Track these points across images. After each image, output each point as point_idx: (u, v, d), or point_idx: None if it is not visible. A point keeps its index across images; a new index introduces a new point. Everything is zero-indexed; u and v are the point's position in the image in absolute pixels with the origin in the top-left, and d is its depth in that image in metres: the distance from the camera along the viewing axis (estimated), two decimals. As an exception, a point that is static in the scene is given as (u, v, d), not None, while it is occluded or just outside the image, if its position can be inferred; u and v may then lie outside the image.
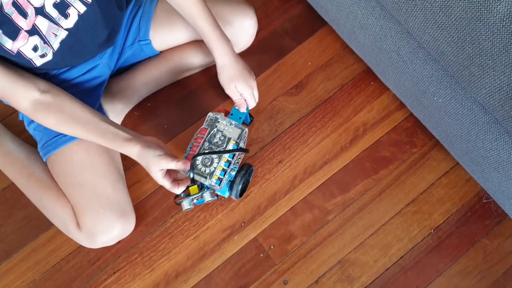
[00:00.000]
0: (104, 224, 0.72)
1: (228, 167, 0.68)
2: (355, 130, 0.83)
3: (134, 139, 0.65)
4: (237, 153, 0.69)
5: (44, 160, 0.77)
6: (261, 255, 0.78)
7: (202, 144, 0.69)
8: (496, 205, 0.77)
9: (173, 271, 0.78)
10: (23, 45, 0.60)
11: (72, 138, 0.71)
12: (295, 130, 0.84)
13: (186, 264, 0.78)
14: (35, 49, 0.61)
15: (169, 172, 0.66)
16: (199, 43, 0.84)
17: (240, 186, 0.73)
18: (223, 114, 0.73)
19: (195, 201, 0.67)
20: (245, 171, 0.74)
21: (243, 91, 0.75)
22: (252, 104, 0.77)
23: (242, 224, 0.80)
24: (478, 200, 0.78)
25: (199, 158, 0.67)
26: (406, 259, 0.76)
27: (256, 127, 0.84)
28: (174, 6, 0.72)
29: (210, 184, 0.67)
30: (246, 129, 0.70)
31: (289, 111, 0.85)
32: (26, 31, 0.59)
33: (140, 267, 0.78)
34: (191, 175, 0.65)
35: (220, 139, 0.70)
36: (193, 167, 0.66)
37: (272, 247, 0.78)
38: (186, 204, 0.66)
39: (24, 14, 0.58)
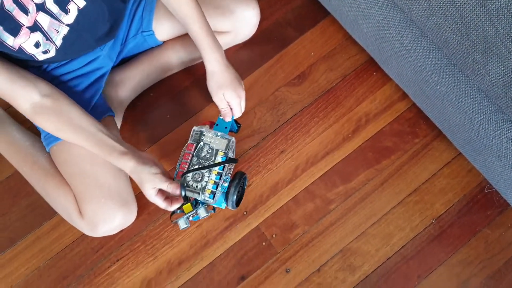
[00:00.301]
0: (105, 213, 0.72)
1: (220, 179, 0.68)
2: (358, 121, 0.83)
3: (130, 154, 0.65)
4: (227, 164, 0.69)
5: (47, 150, 0.77)
6: (263, 243, 0.78)
7: (191, 160, 0.69)
8: (498, 195, 0.77)
9: (176, 259, 0.78)
10: (25, 42, 0.60)
11: None
12: (298, 121, 0.84)
13: (189, 252, 0.79)
14: (37, 45, 0.62)
15: (162, 190, 0.66)
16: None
17: (235, 197, 0.72)
18: (207, 126, 0.72)
19: (191, 218, 0.68)
20: (238, 180, 0.72)
21: (231, 99, 0.74)
22: (237, 114, 0.76)
23: (245, 213, 0.80)
24: (480, 190, 0.79)
25: (189, 174, 0.67)
26: (407, 249, 0.76)
27: (259, 117, 0.85)
28: (168, 8, 0.72)
29: (204, 199, 0.67)
30: (233, 139, 0.70)
31: (291, 101, 0.85)
32: (27, 27, 0.59)
33: (143, 255, 0.79)
34: (183, 193, 0.65)
35: (208, 152, 0.69)
36: (183, 185, 0.65)
37: (274, 235, 0.79)
38: (182, 224, 0.67)
39: (25, 11, 0.57)
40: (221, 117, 0.75)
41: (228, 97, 0.74)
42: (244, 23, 0.82)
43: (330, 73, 0.86)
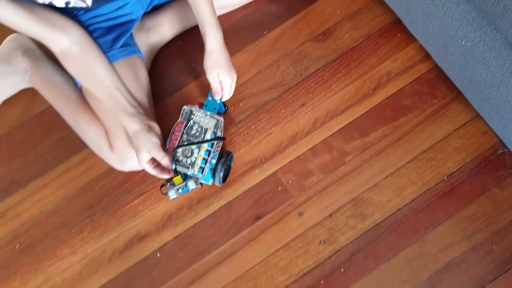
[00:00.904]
0: (133, 149, 0.76)
1: (208, 156, 0.73)
2: (379, 79, 0.86)
3: (137, 118, 0.71)
4: (215, 142, 0.74)
5: (79, 86, 0.82)
6: (279, 188, 0.82)
7: (181, 137, 0.74)
8: (510, 157, 0.80)
9: (196, 197, 0.83)
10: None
11: None
12: (320, 75, 0.87)
13: (208, 192, 0.83)
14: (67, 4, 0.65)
15: (153, 159, 0.72)
16: None
17: (222, 174, 0.77)
18: (197, 106, 0.77)
19: (180, 190, 0.72)
20: (225, 158, 0.78)
21: (224, 79, 0.77)
22: (226, 96, 0.80)
23: (263, 159, 0.84)
24: (493, 152, 0.81)
25: (179, 150, 0.72)
26: (418, 202, 0.80)
27: (282, 70, 0.87)
28: None
29: (193, 173, 0.72)
30: (222, 119, 0.75)
31: (315, 56, 0.88)
32: None
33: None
34: (173, 167, 0.70)
35: (197, 131, 0.74)
36: (174, 159, 0.71)
37: (290, 181, 0.82)
38: (172, 194, 0.72)
39: None
40: (210, 99, 0.78)
41: (222, 76, 0.77)
42: None
43: (355, 32, 0.88)
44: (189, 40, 0.91)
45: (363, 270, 0.78)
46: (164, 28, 0.88)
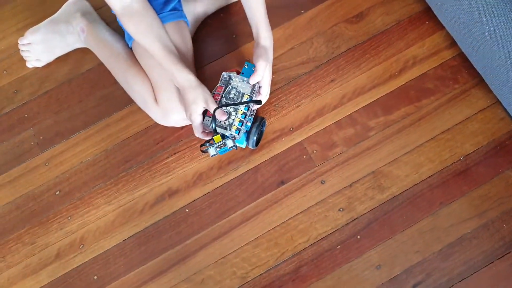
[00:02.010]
0: (178, 103, 0.82)
1: (245, 118, 0.79)
2: (405, 62, 0.91)
3: (192, 73, 0.76)
4: (251, 106, 0.80)
5: (129, 45, 0.88)
6: (304, 156, 0.88)
7: (220, 100, 0.80)
8: (525, 143, 0.84)
9: (226, 159, 0.89)
10: None
11: None
12: (350, 55, 0.92)
13: (238, 155, 0.89)
14: None
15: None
16: None
17: (255, 137, 0.83)
18: (235, 72, 0.83)
19: (218, 149, 0.79)
20: (259, 122, 0.84)
21: (268, 76, 0.81)
22: (265, 93, 0.82)
23: (291, 129, 0.89)
24: (509, 137, 0.85)
25: (219, 111, 0.78)
26: (434, 178, 0.84)
27: (315, 47, 0.93)
28: None
29: (230, 133, 0.78)
30: (258, 84, 0.80)
31: (347, 37, 0.93)
32: None
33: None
34: (213, 126, 0.77)
35: (235, 95, 0.80)
36: (215, 119, 0.77)
37: (314, 151, 0.88)
38: (212, 151, 0.79)
39: None
40: (246, 67, 0.83)
41: (268, 73, 0.81)
42: None
43: (386, 17, 0.94)
44: (231, 14, 0.97)
45: (378, 238, 0.83)
46: (210, 1, 0.94)
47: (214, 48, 0.96)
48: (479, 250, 0.81)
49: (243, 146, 0.86)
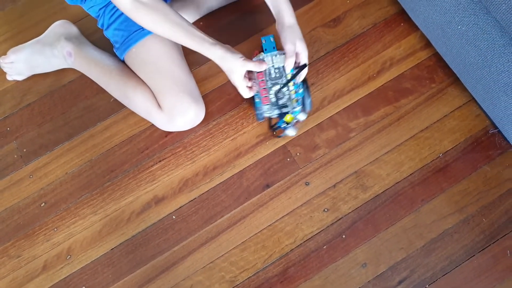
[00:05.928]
0: (183, 105, 0.83)
1: (298, 88, 0.81)
2: (383, 63, 0.93)
3: (219, 44, 0.76)
4: (296, 72, 0.80)
5: (121, 58, 0.89)
6: (288, 159, 0.89)
7: (266, 83, 0.81)
8: (500, 138, 0.87)
9: (211, 164, 0.90)
10: None
11: (150, 32, 0.81)
12: (329, 58, 0.94)
13: (223, 160, 0.90)
14: None
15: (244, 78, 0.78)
16: None
17: (310, 98, 0.85)
18: (262, 53, 0.83)
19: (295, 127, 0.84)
20: (305, 83, 0.85)
21: (303, 50, 0.80)
22: (304, 59, 0.80)
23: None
24: (485, 133, 0.88)
25: (272, 94, 0.80)
26: (415, 176, 0.87)
27: (295, 52, 0.95)
28: None
29: (293, 108, 0.81)
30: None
31: (325, 41, 0.95)
32: None
33: (183, 159, 0.90)
34: (280, 102, 0.80)
35: (276, 72, 0.81)
36: (278, 103, 0.80)
37: (298, 154, 0.89)
38: (291, 132, 0.83)
39: None
40: (264, 42, 0.84)
41: (301, 48, 0.80)
42: None
43: (363, 20, 0.96)
44: (243, 4, 0.98)
45: (363, 237, 0.84)
46: (201, 2, 0.95)
47: (225, 37, 0.92)
48: (461, 245, 0.83)
49: (301, 119, 0.85)
